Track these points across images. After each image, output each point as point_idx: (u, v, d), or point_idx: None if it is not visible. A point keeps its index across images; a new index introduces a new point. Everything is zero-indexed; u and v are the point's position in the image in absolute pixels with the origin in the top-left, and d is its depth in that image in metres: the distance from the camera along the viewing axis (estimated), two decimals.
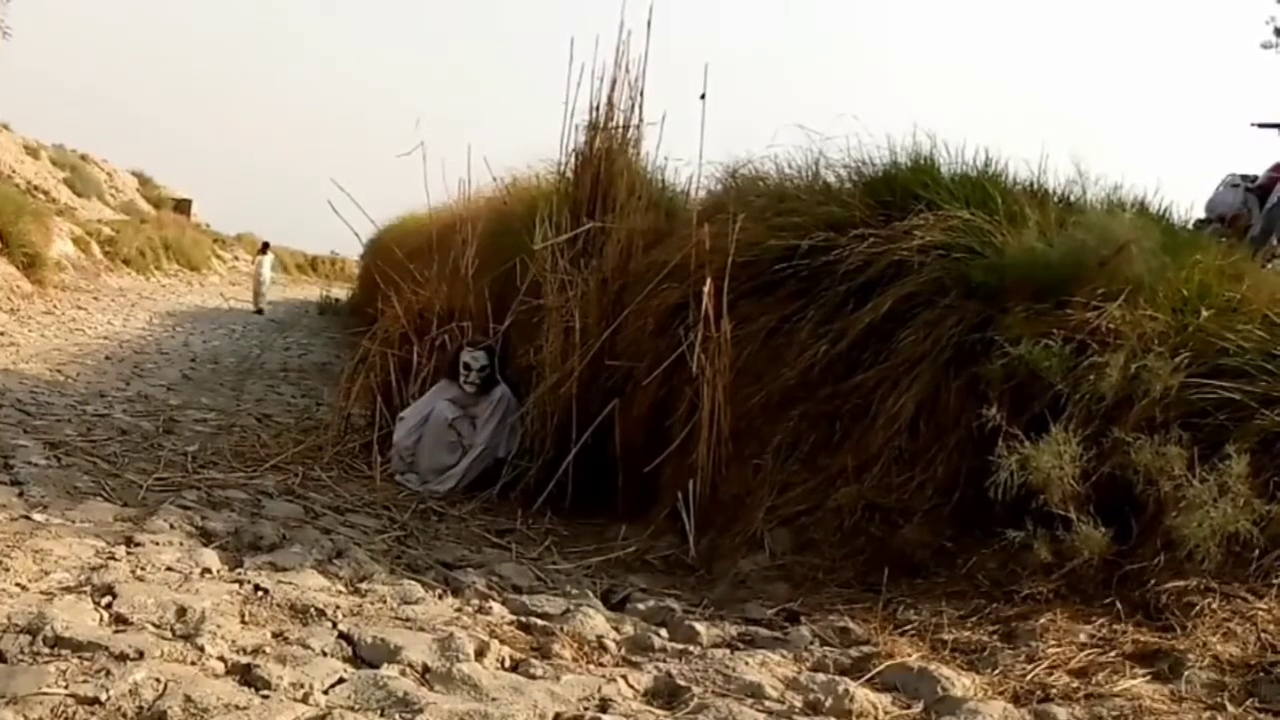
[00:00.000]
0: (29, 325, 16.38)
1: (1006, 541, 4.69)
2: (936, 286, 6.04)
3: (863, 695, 3.77)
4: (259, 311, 27.51)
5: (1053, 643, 4.11)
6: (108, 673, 3.48)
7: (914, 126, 7.22)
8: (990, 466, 4.77)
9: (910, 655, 4.14)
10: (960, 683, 3.85)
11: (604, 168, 8.16)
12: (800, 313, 6.57)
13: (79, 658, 3.61)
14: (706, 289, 6.60)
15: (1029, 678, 3.88)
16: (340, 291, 29.71)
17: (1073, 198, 6.93)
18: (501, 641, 4.29)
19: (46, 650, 3.67)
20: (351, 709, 3.41)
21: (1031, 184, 6.98)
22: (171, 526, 5.64)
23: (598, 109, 8.16)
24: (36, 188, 33.36)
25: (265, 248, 30.92)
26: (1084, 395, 5.00)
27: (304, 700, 3.47)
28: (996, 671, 3.98)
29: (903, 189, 6.84)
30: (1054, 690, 3.77)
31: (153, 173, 49.98)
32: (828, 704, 3.74)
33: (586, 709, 3.61)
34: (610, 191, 8.09)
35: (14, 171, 32.94)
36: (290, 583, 4.82)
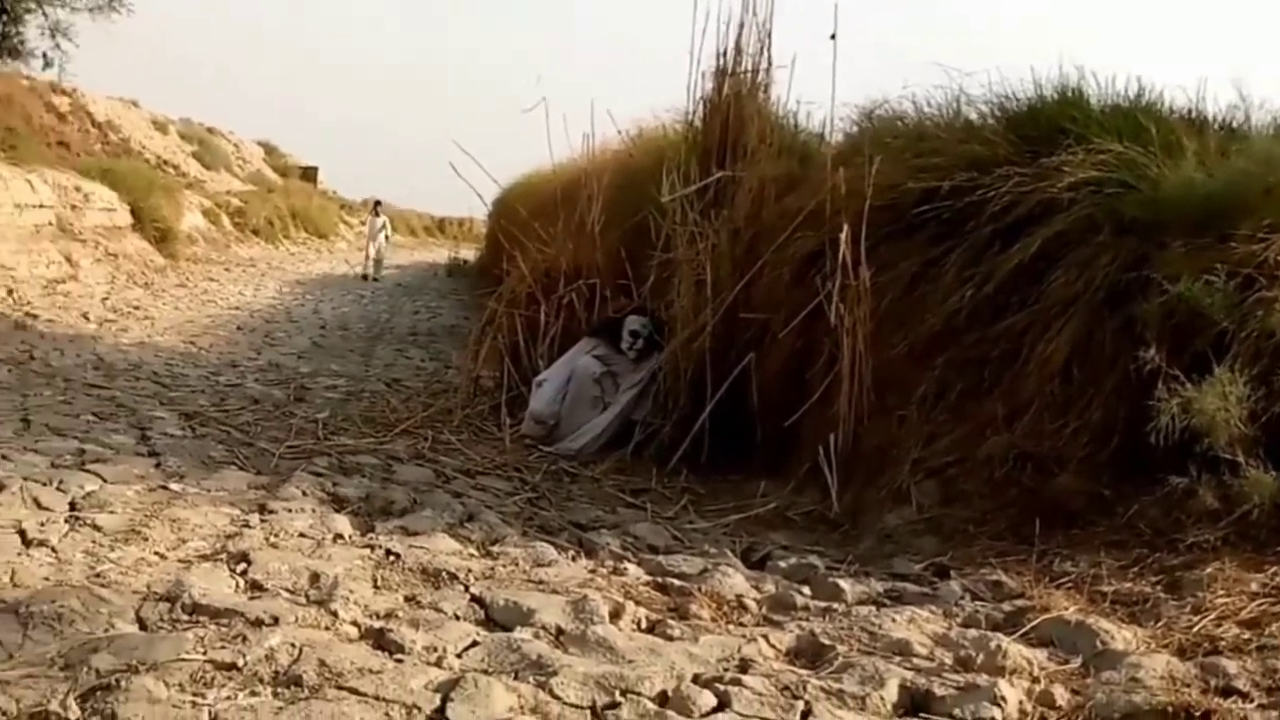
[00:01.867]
0: (163, 298, 16.96)
1: (1169, 488, 4.58)
2: (1088, 224, 5.89)
3: (1016, 651, 3.73)
4: (368, 278, 26.03)
5: (1221, 593, 4.01)
6: (244, 638, 3.61)
7: (1060, 57, 7.01)
8: (1149, 410, 4.64)
9: (1067, 608, 4.08)
10: (1121, 636, 3.79)
11: (733, 115, 8.11)
12: (944, 257, 6.47)
13: (216, 624, 3.75)
14: (844, 235, 6.54)
15: (1195, 630, 3.80)
16: (468, 253, 29.87)
17: (1235, 124, 6.68)
18: (637, 603, 4.33)
19: (185, 617, 3.83)
20: (485, 672, 3.47)
21: (1189, 112, 6.74)
22: (304, 493, 5.83)
23: (725, 55, 8.12)
24: (166, 162, 34.29)
25: (377, 207, 29.15)
26: (1251, 333, 4.83)
27: (437, 664, 3.55)
28: (1160, 624, 3.91)
29: (1049, 123, 6.67)
30: (1223, 642, 3.68)
31: (278, 142, 51.03)
32: (979, 660, 3.71)
33: (726, 670, 3.63)
34: (740, 139, 8.04)
35: (144, 147, 33.87)
36: (422, 547, 4.94)
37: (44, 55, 23.03)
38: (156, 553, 4.60)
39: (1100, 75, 6.92)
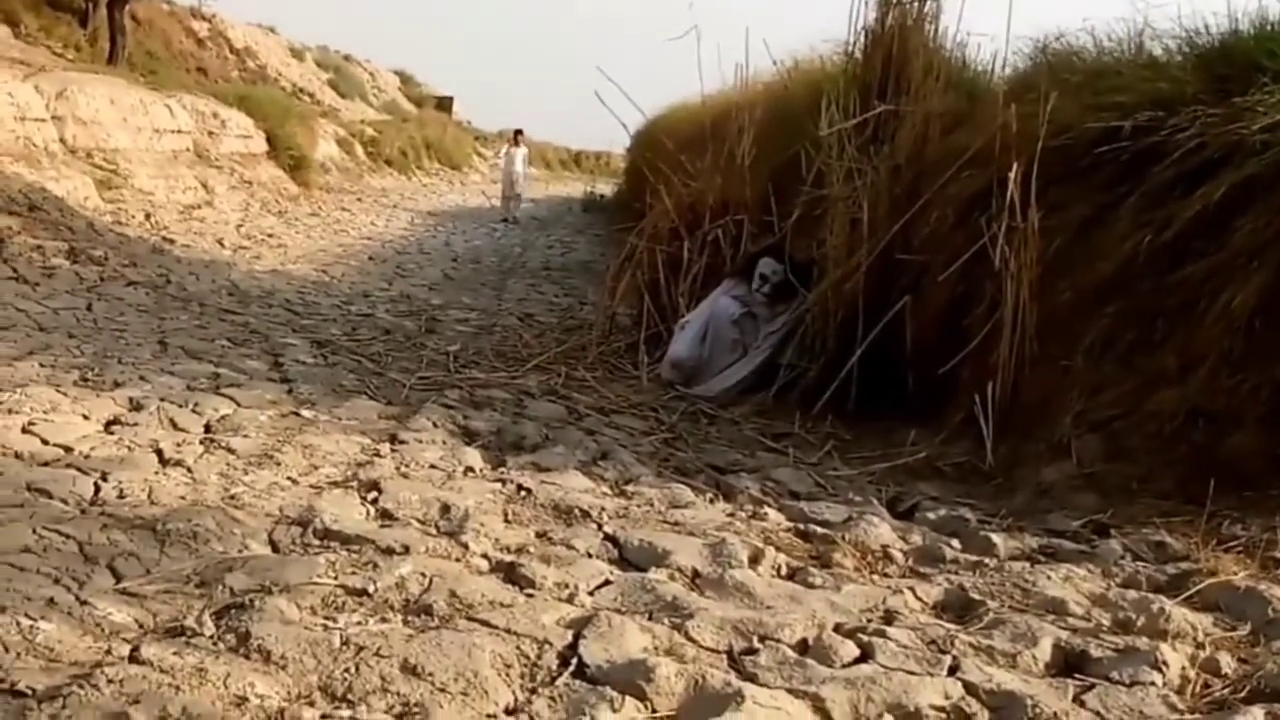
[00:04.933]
0: (295, 227, 17.45)
1: None
2: None
3: (1180, 615, 3.69)
4: (509, 220, 24.61)
5: None
6: (375, 565, 3.76)
7: None
8: None
9: (1236, 573, 4.03)
10: None
11: (897, 46, 8.01)
12: (1120, 200, 6.31)
13: (347, 550, 3.91)
14: (1013, 175, 6.44)
15: None
16: (605, 187, 29.90)
17: None
18: (777, 549, 4.38)
19: (316, 542, 4.01)
20: (618, 611, 3.54)
21: None
22: (434, 425, 6.02)
23: None
24: (302, 90, 35.21)
25: (518, 136, 27.29)
26: None
27: (569, 600, 3.64)
28: None
29: (1244, 60, 6.44)
30: None
31: (414, 71, 51.85)
32: (1139, 623, 3.68)
33: (869, 620, 3.65)
34: (904, 71, 7.94)
35: (280, 75, 34.80)
36: (554, 483, 5.06)
37: None
38: (289, 478, 4.82)
39: None
